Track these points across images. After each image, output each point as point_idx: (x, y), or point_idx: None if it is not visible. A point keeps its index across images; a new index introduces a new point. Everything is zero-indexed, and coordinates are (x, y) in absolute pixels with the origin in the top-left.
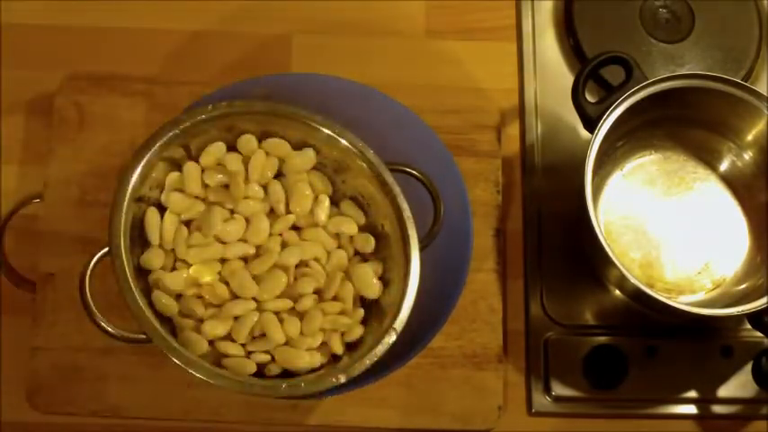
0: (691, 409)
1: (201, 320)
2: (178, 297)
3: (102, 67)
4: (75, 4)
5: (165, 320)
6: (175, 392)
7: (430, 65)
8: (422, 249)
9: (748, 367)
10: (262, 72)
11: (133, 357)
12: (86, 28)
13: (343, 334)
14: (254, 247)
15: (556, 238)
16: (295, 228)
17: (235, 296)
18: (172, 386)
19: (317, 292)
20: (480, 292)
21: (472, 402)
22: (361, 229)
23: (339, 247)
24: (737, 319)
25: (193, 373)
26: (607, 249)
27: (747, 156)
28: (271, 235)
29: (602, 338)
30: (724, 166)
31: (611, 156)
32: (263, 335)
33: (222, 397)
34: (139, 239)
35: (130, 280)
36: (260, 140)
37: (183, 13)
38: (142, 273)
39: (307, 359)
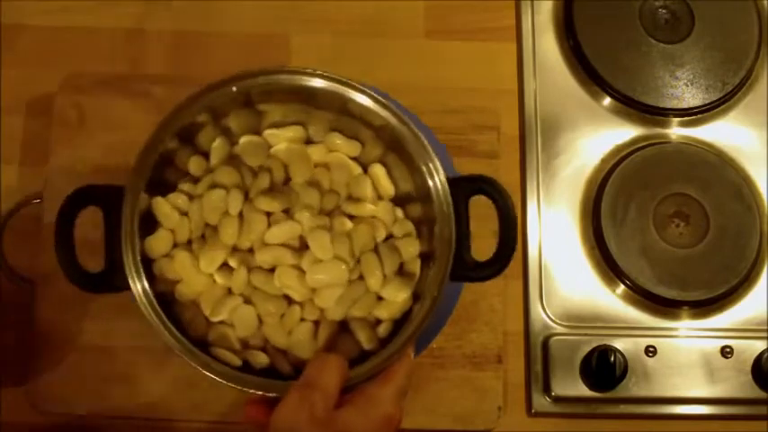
0: (691, 409)
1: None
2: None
3: (102, 67)
4: (75, 4)
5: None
6: (176, 393)
7: (430, 65)
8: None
9: (748, 367)
10: None
11: (133, 357)
12: (86, 28)
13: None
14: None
15: (555, 238)
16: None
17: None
18: (172, 387)
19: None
20: (480, 293)
21: (472, 403)
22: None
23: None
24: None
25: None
26: None
27: None
28: None
29: (602, 338)
30: None
31: None
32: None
33: (223, 398)
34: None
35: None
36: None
37: (183, 13)
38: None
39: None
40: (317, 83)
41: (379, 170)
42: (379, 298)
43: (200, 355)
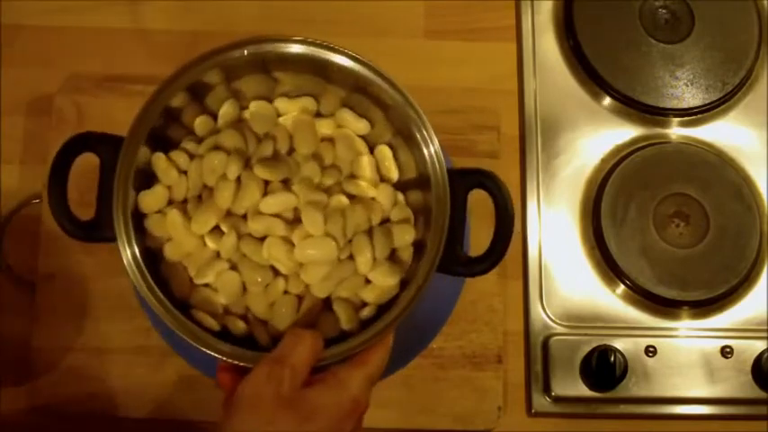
0: (691, 409)
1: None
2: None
3: (102, 67)
4: (75, 4)
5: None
6: (175, 393)
7: (430, 65)
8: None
9: (748, 367)
10: None
11: (132, 358)
12: (86, 28)
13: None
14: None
15: (555, 238)
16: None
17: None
18: (171, 386)
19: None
20: (480, 293)
21: (472, 403)
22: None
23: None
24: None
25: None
26: None
27: None
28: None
29: (602, 338)
30: None
31: None
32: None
33: (222, 397)
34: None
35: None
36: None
37: (183, 13)
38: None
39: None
40: (332, 57)
41: (385, 151)
42: (368, 281)
43: (178, 316)
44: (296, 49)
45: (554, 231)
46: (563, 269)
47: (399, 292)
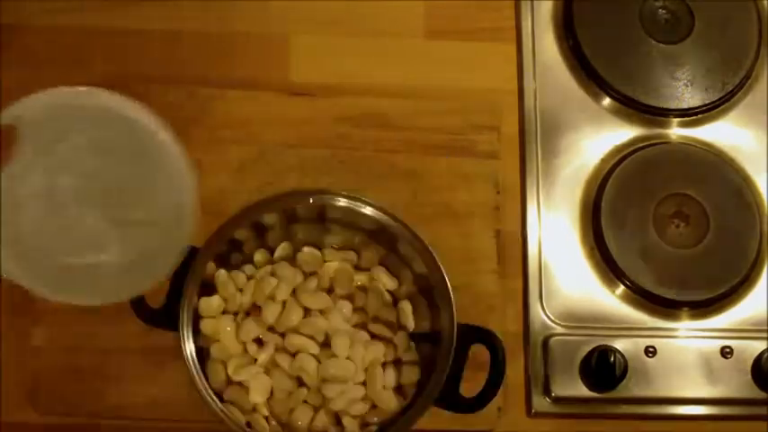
0: (691, 409)
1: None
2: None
3: (103, 67)
4: (74, 5)
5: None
6: (176, 393)
7: (430, 65)
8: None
9: (748, 367)
10: (261, 71)
11: (133, 358)
12: (86, 28)
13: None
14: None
15: (555, 238)
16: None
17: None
18: (172, 387)
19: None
20: (480, 293)
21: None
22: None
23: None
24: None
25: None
26: None
27: None
28: None
29: (602, 339)
30: None
31: None
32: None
33: None
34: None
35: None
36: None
37: (183, 13)
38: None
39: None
40: (381, 220)
41: (406, 307)
42: (374, 405)
43: (218, 405)
44: (349, 205)
45: (554, 231)
46: (563, 269)
47: (399, 416)
